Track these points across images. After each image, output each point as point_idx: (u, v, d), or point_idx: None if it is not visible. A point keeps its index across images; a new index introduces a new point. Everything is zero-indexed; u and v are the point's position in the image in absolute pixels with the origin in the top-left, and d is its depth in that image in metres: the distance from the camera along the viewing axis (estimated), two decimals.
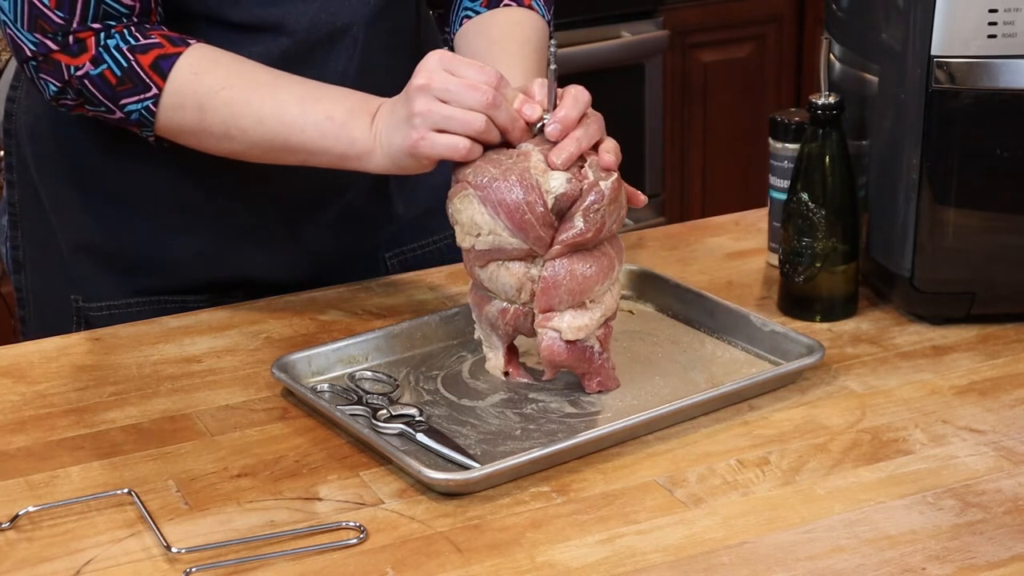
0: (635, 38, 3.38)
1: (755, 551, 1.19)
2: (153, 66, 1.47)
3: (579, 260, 1.38)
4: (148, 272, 1.65)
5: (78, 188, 1.64)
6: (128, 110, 1.49)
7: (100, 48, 1.47)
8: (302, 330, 1.58)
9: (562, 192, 1.35)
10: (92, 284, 1.66)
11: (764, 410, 1.40)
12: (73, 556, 1.20)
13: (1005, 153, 1.50)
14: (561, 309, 1.38)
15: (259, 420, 1.40)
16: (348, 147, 1.44)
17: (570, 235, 1.36)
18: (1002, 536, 1.21)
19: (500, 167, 1.36)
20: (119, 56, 1.47)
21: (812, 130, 1.55)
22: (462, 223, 1.38)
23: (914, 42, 1.48)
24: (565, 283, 1.37)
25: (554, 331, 1.39)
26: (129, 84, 1.47)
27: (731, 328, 1.53)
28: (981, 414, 1.39)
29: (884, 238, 1.57)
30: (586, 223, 1.36)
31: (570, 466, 1.31)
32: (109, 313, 1.65)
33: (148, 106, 1.48)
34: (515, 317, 1.41)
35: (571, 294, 1.38)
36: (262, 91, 1.47)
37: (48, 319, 1.69)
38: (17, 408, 1.43)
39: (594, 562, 1.18)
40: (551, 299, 1.38)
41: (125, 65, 1.47)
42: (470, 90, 1.36)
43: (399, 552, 1.20)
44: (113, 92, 1.48)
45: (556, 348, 1.39)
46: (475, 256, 1.39)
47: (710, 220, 1.86)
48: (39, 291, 1.71)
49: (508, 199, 1.35)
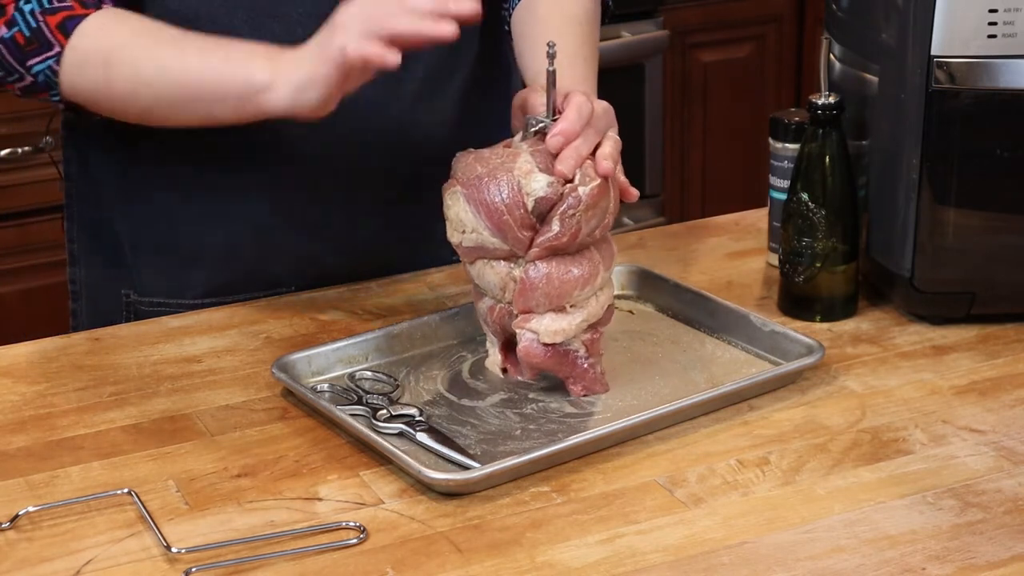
0: (635, 38, 3.38)
1: (755, 551, 1.19)
2: (59, 26, 1.49)
3: (559, 264, 1.38)
4: (203, 266, 1.65)
5: (138, 179, 1.65)
6: (34, 71, 1.50)
7: (16, 12, 1.49)
8: (302, 330, 1.58)
9: (542, 196, 1.35)
10: (146, 279, 1.67)
11: (764, 410, 1.40)
12: (73, 556, 1.20)
13: (1005, 153, 1.50)
14: (540, 312, 1.39)
15: (259, 420, 1.40)
16: (245, 85, 1.43)
17: (546, 238, 1.36)
18: (1002, 536, 1.21)
19: (487, 166, 1.37)
20: (31, 19, 1.49)
21: (812, 130, 1.55)
22: (450, 219, 1.39)
23: (914, 42, 1.48)
24: (542, 286, 1.37)
25: (532, 332, 1.39)
26: (35, 44, 1.49)
27: (731, 328, 1.53)
28: (981, 414, 1.39)
29: (884, 238, 1.57)
30: (562, 227, 1.36)
31: (570, 466, 1.31)
32: (160, 310, 1.66)
33: (51, 65, 1.49)
34: (500, 315, 1.41)
35: (548, 298, 1.38)
36: (166, 45, 1.48)
37: (99, 313, 1.71)
38: (17, 408, 1.43)
39: (594, 562, 1.18)
40: (528, 301, 1.38)
41: (34, 26, 1.49)
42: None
43: (399, 552, 1.20)
44: (22, 53, 1.49)
45: (533, 350, 1.39)
46: (463, 252, 1.40)
47: (710, 220, 1.86)
48: (92, 284, 1.73)
49: (488, 199, 1.35)
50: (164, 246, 1.66)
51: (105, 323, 1.65)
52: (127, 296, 1.69)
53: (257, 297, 1.66)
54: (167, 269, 1.67)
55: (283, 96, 1.42)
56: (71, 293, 1.75)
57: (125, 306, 1.69)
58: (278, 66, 1.43)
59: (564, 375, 1.42)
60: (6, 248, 2.80)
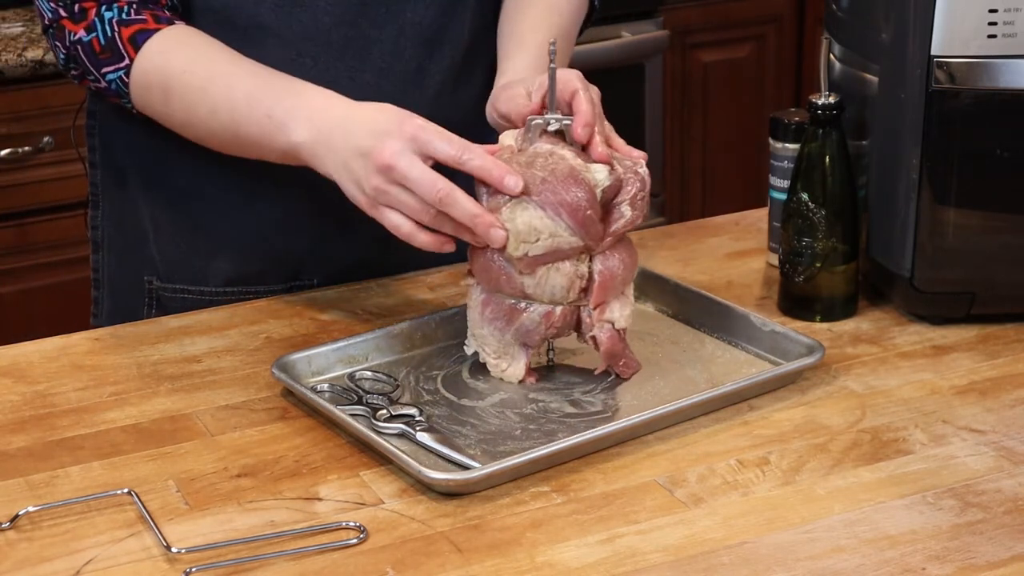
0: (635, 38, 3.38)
1: (755, 551, 1.19)
2: (131, 39, 1.53)
3: (622, 250, 1.41)
4: (227, 254, 1.66)
5: (164, 165, 1.66)
6: (108, 79, 1.55)
7: (96, 18, 1.54)
8: (302, 330, 1.58)
9: (608, 184, 1.38)
10: (170, 266, 1.69)
11: (764, 410, 1.40)
12: (73, 556, 1.20)
13: (1005, 153, 1.50)
14: (610, 300, 1.40)
15: (259, 420, 1.40)
16: (287, 147, 1.46)
17: (621, 225, 1.39)
18: (1002, 536, 1.21)
19: (544, 170, 1.37)
20: (108, 27, 1.53)
21: (812, 130, 1.55)
22: (518, 231, 1.36)
23: (914, 42, 1.48)
24: (620, 273, 1.40)
25: (608, 323, 1.41)
26: (109, 53, 1.54)
27: (731, 328, 1.53)
28: (981, 414, 1.39)
29: (884, 238, 1.57)
30: (634, 211, 1.39)
31: (570, 466, 1.31)
32: (183, 297, 1.68)
33: (121, 76, 1.54)
34: (562, 318, 1.41)
35: (624, 283, 1.41)
36: (219, 79, 1.51)
37: (120, 301, 1.73)
38: (17, 408, 1.43)
39: (594, 562, 1.18)
40: (608, 292, 1.40)
41: (110, 35, 1.53)
42: (428, 185, 1.36)
43: (399, 552, 1.20)
44: (97, 59, 1.54)
45: (615, 339, 1.42)
46: (525, 264, 1.38)
47: (710, 220, 1.86)
48: (114, 271, 1.75)
49: (568, 199, 1.36)
50: (189, 232, 1.67)
51: (127, 311, 1.68)
52: (150, 283, 1.70)
53: (277, 289, 1.66)
54: (191, 256, 1.67)
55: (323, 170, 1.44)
56: (93, 281, 1.77)
57: (147, 293, 1.70)
58: (316, 134, 1.44)
59: (619, 360, 1.44)
60: (6, 248, 2.80)
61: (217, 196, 1.65)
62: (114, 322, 1.66)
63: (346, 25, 1.57)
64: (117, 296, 1.74)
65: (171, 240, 1.68)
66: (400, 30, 1.59)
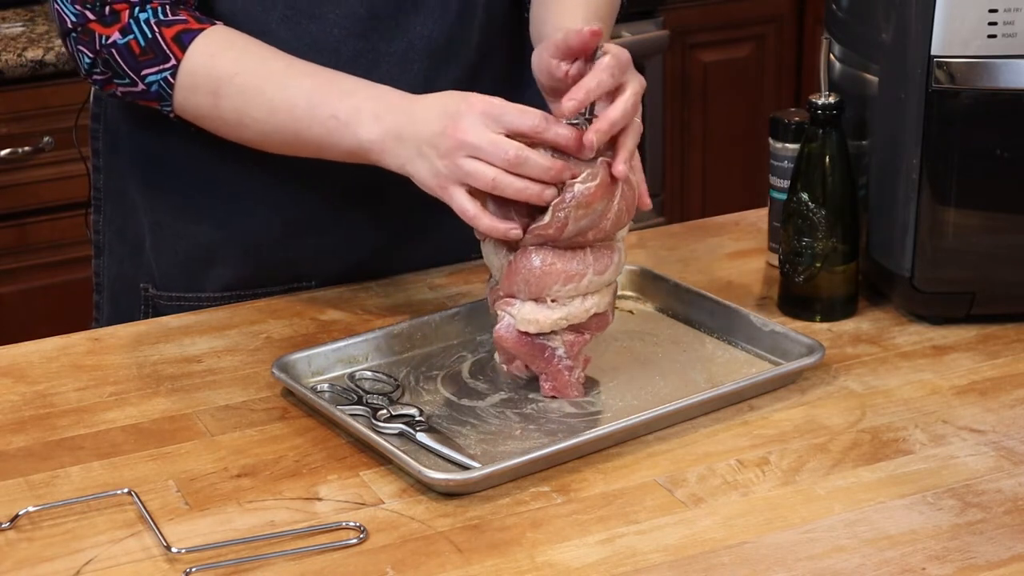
0: (635, 38, 3.37)
1: (755, 551, 1.19)
2: (175, 38, 1.50)
3: (546, 255, 1.38)
4: (225, 259, 1.66)
5: (165, 170, 1.65)
6: (148, 81, 1.52)
7: (131, 20, 1.51)
8: (302, 330, 1.58)
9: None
10: (165, 274, 1.68)
11: (764, 410, 1.40)
12: (73, 556, 1.20)
13: (1005, 153, 1.50)
14: (522, 298, 1.39)
15: (259, 420, 1.40)
16: (356, 147, 1.45)
17: (536, 226, 1.36)
18: (1002, 536, 1.21)
19: None
20: (146, 28, 1.50)
21: (812, 130, 1.55)
22: None
23: (914, 42, 1.48)
24: (523, 273, 1.38)
25: (510, 317, 1.40)
26: (151, 54, 1.51)
27: (731, 328, 1.53)
28: (981, 414, 1.39)
29: (884, 238, 1.57)
30: (551, 217, 1.35)
31: (570, 466, 1.31)
32: (179, 304, 1.67)
33: (167, 77, 1.51)
34: (493, 297, 1.42)
35: (528, 285, 1.38)
36: (274, 80, 1.49)
37: (120, 306, 1.72)
38: (17, 408, 1.43)
39: (594, 562, 1.18)
40: (511, 285, 1.39)
41: (150, 36, 1.50)
42: (498, 149, 1.35)
43: (399, 552, 1.20)
44: (136, 62, 1.51)
45: (506, 333, 1.40)
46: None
47: (710, 220, 1.86)
48: (114, 277, 1.74)
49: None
50: (188, 238, 1.66)
51: (127, 316, 1.67)
52: (145, 290, 1.70)
53: (275, 291, 1.66)
54: (189, 262, 1.67)
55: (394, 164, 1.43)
56: (95, 285, 1.77)
57: (144, 300, 1.70)
58: (385, 129, 1.43)
59: (537, 369, 1.42)
60: (6, 248, 2.80)
61: (217, 203, 1.64)
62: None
63: (355, 38, 1.57)
64: (117, 300, 1.74)
65: (170, 246, 1.67)
66: (409, 44, 1.59)
